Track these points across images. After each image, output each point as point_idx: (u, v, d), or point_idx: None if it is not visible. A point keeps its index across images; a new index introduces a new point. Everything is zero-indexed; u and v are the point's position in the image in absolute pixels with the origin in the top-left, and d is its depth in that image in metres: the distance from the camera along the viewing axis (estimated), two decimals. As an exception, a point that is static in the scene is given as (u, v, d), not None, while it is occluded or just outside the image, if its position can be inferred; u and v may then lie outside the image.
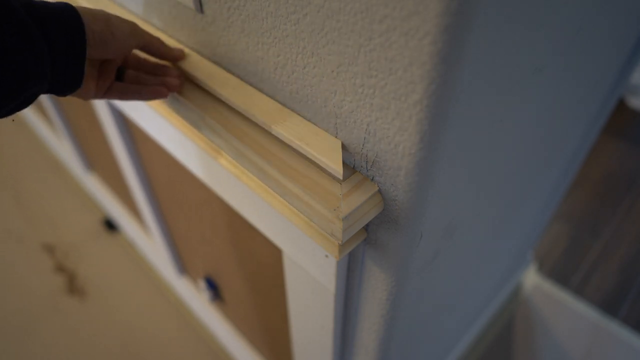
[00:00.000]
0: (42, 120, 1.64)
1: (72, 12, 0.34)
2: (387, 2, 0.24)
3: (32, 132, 1.88)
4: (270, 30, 0.34)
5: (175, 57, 0.44)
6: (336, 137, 0.35)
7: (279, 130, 0.37)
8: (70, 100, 1.13)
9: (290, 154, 0.38)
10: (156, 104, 0.51)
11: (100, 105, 0.81)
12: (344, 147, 0.35)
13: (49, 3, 0.33)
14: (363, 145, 0.33)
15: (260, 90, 0.40)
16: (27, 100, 0.32)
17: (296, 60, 0.34)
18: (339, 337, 0.55)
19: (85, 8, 0.36)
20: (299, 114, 0.38)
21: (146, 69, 0.44)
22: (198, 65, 0.44)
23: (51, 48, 0.32)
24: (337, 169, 0.33)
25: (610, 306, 1.27)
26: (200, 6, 0.40)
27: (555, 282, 1.33)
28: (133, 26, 0.39)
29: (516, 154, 0.48)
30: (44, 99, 1.29)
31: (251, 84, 0.41)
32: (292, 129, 0.37)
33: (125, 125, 0.81)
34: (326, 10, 0.28)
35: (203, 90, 0.44)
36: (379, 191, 0.35)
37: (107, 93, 0.41)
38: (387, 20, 0.25)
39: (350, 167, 0.36)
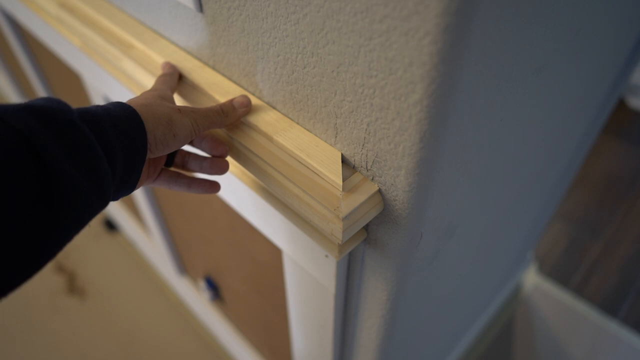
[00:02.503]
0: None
1: (136, 122, 0.31)
2: (387, 2, 0.24)
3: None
4: (270, 30, 0.34)
5: (239, 116, 0.39)
6: (336, 137, 0.35)
7: (281, 141, 0.37)
8: (64, 91, 1.13)
9: (290, 155, 0.38)
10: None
11: (96, 97, 0.81)
12: (343, 156, 0.35)
13: (115, 115, 0.30)
14: (363, 145, 0.33)
15: (261, 90, 0.40)
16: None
17: (296, 60, 0.34)
18: (339, 337, 0.55)
19: (153, 110, 0.33)
20: (298, 123, 0.38)
21: (194, 144, 0.40)
22: (200, 73, 0.44)
23: (112, 164, 0.29)
24: (338, 181, 0.34)
25: (610, 306, 1.27)
26: (200, 6, 0.40)
27: (555, 282, 1.33)
28: (194, 117, 0.35)
29: (516, 153, 0.47)
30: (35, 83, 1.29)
31: (251, 84, 0.41)
32: (293, 140, 0.37)
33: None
34: (326, 10, 0.28)
35: (202, 90, 0.44)
36: (379, 191, 0.35)
37: (155, 181, 0.38)
38: (387, 20, 0.25)
39: (350, 167, 0.36)
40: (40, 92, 1.26)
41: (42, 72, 1.17)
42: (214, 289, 0.98)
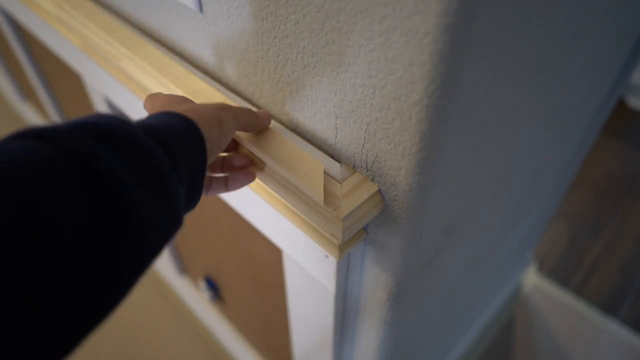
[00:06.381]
0: (34, 110, 1.64)
1: (196, 134, 0.28)
2: (387, 2, 0.24)
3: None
4: (270, 30, 0.34)
5: (264, 126, 0.37)
6: (336, 137, 0.35)
7: (264, 153, 0.36)
8: (64, 91, 1.13)
9: (289, 155, 0.38)
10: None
11: (96, 97, 0.81)
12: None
13: (176, 128, 0.27)
14: (363, 145, 0.33)
15: (261, 90, 0.40)
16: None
17: (296, 60, 0.34)
18: (339, 337, 0.55)
19: (201, 114, 0.30)
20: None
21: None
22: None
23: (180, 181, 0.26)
24: (319, 195, 0.33)
25: (610, 306, 1.27)
26: (200, 6, 0.40)
27: (555, 282, 1.33)
28: (235, 113, 0.33)
29: (516, 153, 0.47)
30: (35, 83, 1.30)
31: (251, 84, 0.41)
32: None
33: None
34: (326, 10, 0.28)
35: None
36: (379, 191, 0.35)
37: (209, 191, 0.37)
38: (387, 20, 0.25)
39: (350, 167, 0.36)
40: (41, 92, 1.26)
41: (42, 72, 1.17)
42: (214, 289, 0.98)
